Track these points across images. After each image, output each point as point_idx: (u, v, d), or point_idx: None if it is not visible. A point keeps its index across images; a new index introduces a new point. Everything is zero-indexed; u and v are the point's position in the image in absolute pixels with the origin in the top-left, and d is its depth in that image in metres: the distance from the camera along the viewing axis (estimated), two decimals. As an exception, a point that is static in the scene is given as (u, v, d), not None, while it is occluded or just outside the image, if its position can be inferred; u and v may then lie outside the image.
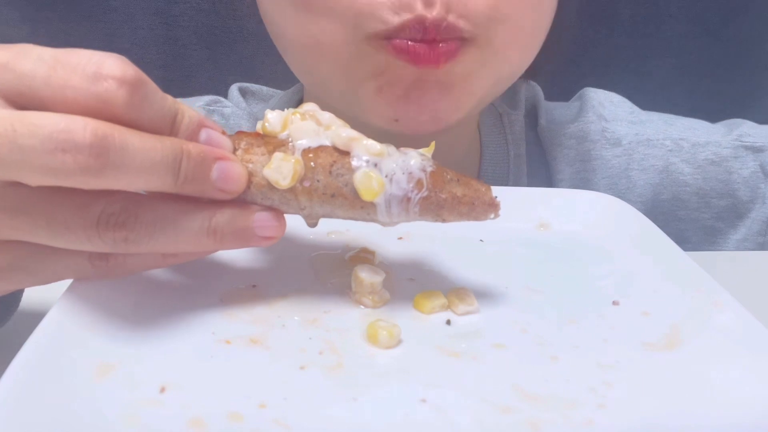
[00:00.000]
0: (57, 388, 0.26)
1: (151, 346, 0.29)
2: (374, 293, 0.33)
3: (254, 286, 0.34)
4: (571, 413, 0.27)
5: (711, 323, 0.32)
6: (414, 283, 0.36)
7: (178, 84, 0.77)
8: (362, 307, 0.33)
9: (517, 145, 0.60)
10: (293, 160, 0.31)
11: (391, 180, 0.31)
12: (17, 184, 0.27)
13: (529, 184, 0.60)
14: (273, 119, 0.32)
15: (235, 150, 0.31)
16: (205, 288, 0.34)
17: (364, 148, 0.31)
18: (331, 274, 0.36)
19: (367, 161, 0.31)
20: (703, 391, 0.28)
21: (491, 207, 0.32)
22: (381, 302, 0.33)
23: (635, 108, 0.64)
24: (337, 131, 0.31)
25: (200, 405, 0.26)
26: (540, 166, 0.61)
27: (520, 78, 0.53)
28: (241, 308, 0.33)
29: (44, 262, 0.30)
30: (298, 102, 0.61)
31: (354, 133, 0.31)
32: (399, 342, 0.31)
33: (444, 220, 0.32)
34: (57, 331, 0.28)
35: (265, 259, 0.37)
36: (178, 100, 0.30)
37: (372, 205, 0.31)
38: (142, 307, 0.32)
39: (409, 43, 0.43)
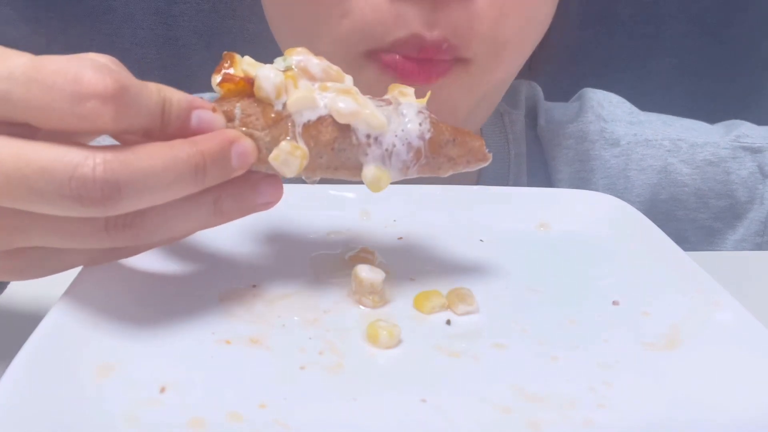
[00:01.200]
0: (57, 388, 0.26)
1: (151, 346, 0.29)
2: (374, 293, 0.33)
3: (254, 286, 0.34)
4: (571, 413, 0.27)
5: (711, 323, 0.32)
6: (414, 283, 0.36)
7: (179, 84, 0.77)
8: (362, 307, 0.33)
9: (517, 144, 0.60)
10: (300, 154, 0.31)
11: (390, 154, 0.31)
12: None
13: (529, 184, 0.60)
14: (265, 82, 0.31)
15: (231, 120, 0.31)
16: (205, 288, 0.34)
17: (365, 122, 0.31)
18: (331, 274, 0.36)
19: (368, 136, 0.31)
20: (702, 391, 0.28)
21: (483, 160, 0.34)
22: (381, 302, 0.33)
23: (634, 109, 0.64)
24: (335, 103, 0.31)
25: (200, 405, 0.26)
26: (539, 166, 0.61)
27: (520, 78, 0.53)
28: (241, 308, 0.33)
29: (58, 258, 0.30)
30: None
31: (352, 105, 0.31)
32: (399, 342, 0.31)
33: (440, 176, 0.33)
34: (57, 331, 0.28)
35: (265, 259, 0.37)
36: None
37: None
38: (142, 307, 0.32)
39: (398, 57, 0.42)
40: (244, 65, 0.32)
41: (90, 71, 0.26)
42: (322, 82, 0.32)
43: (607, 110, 0.62)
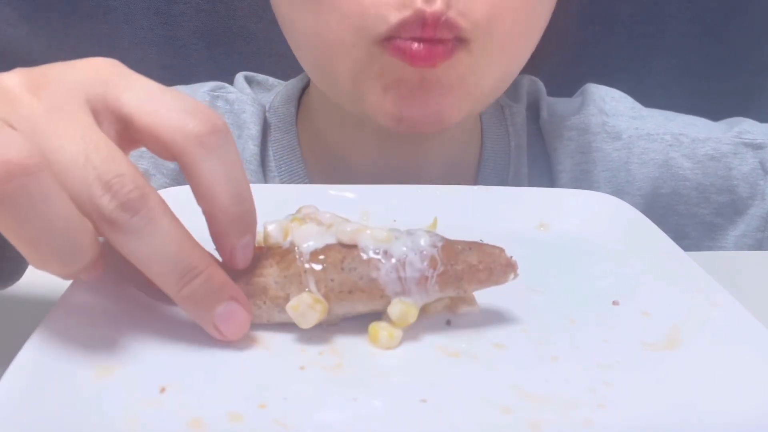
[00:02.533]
0: (57, 388, 0.26)
1: (151, 347, 0.29)
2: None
3: (254, 286, 0.34)
4: (571, 413, 0.27)
5: (711, 323, 0.32)
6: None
7: (179, 84, 0.77)
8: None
9: (518, 136, 0.60)
10: (320, 309, 0.30)
11: (404, 264, 0.31)
12: None
13: (530, 175, 0.60)
14: (274, 231, 0.32)
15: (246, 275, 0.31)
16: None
17: (370, 238, 0.31)
18: (331, 274, 0.36)
19: (375, 250, 0.31)
20: (703, 391, 0.28)
21: (509, 267, 0.32)
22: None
23: (636, 104, 0.64)
24: (339, 228, 0.31)
25: (200, 405, 0.26)
26: (540, 158, 0.61)
27: (521, 74, 0.53)
28: (241, 308, 0.33)
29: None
30: (302, 89, 0.61)
31: (356, 225, 0.31)
32: (400, 343, 0.31)
33: (465, 291, 0.32)
34: (57, 331, 0.28)
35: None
36: (180, 87, 0.30)
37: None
38: (142, 308, 0.32)
39: (409, 43, 0.44)
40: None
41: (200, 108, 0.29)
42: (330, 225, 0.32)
43: (609, 104, 0.62)
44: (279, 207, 0.34)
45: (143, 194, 0.27)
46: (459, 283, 0.31)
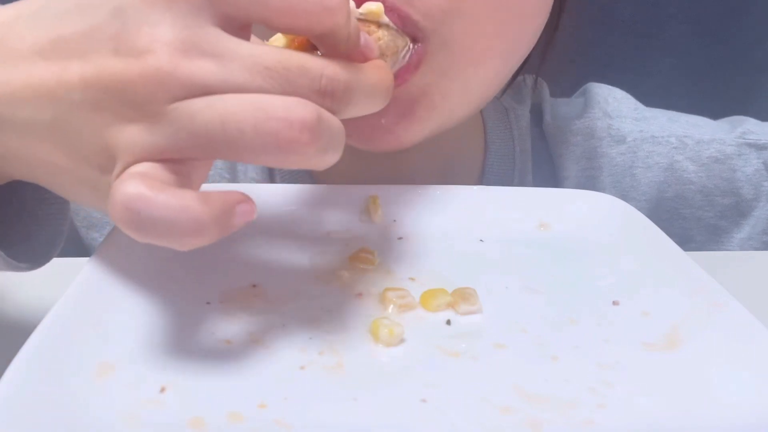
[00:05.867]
0: (57, 388, 0.26)
1: (151, 346, 0.29)
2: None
3: (254, 285, 0.34)
4: (571, 413, 0.27)
5: (711, 323, 0.32)
6: (414, 283, 0.36)
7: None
8: (362, 305, 0.33)
9: (523, 141, 0.59)
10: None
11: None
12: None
13: (534, 181, 0.59)
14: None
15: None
16: (205, 288, 0.34)
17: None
18: (331, 273, 0.36)
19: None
20: (703, 391, 0.28)
21: None
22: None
23: (639, 104, 0.63)
24: None
25: (200, 405, 0.26)
26: (545, 163, 0.60)
27: (524, 74, 0.52)
28: (241, 308, 0.33)
29: None
30: None
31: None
32: (401, 341, 0.31)
33: None
34: (57, 330, 0.28)
35: (265, 259, 0.37)
36: None
37: None
38: (141, 307, 0.32)
39: None
40: None
41: None
42: None
43: (612, 106, 0.61)
44: (280, 206, 0.34)
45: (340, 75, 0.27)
46: None
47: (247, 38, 0.28)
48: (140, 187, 0.24)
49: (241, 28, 0.27)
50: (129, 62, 0.25)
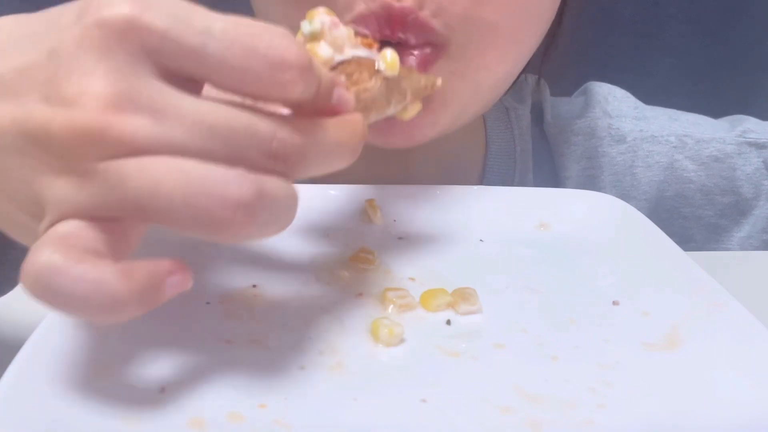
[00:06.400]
0: (57, 388, 0.26)
1: (151, 346, 0.29)
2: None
3: (254, 286, 0.34)
4: (571, 413, 0.27)
5: (711, 323, 0.32)
6: (414, 283, 0.36)
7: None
8: (362, 305, 0.33)
9: (523, 141, 0.59)
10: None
11: None
12: None
13: (535, 180, 0.59)
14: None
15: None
16: (206, 288, 0.34)
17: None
18: (331, 273, 0.36)
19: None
20: (703, 391, 0.28)
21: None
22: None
23: (639, 103, 0.63)
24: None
25: (200, 405, 0.26)
26: (546, 163, 0.60)
27: (526, 73, 0.52)
28: (241, 308, 0.33)
29: None
30: None
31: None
32: (401, 341, 0.31)
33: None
34: (57, 330, 0.28)
35: (265, 259, 0.37)
36: None
37: None
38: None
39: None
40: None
41: (285, 41, 0.25)
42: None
43: (613, 105, 0.61)
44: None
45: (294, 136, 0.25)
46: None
47: (198, 91, 0.25)
48: (54, 255, 0.22)
49: (189, 80, 0.25)
50: (56, 112, 0.23)
